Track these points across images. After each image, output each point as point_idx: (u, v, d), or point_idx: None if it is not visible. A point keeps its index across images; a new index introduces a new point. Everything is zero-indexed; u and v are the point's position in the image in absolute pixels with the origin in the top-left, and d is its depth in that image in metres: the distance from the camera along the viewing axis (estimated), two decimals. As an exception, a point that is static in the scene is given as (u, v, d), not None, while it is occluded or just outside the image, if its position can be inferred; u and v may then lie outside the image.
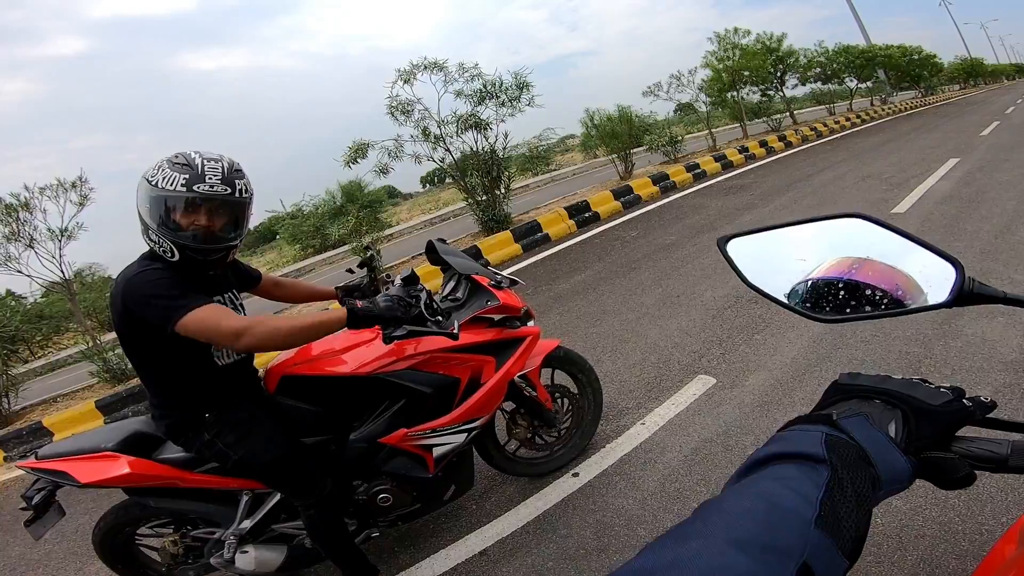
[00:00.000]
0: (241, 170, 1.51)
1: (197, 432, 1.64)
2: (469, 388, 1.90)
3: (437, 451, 1.86)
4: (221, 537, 1.80)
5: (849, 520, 0.37)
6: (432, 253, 2.09)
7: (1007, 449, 0.48)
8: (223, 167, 1.46)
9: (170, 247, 1.46)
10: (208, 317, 1.38)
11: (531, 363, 2.09)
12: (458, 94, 8.54)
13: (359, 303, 1.47)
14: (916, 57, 31.00)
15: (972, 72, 55.03)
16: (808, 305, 0.58)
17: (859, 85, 25.60)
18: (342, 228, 7.29)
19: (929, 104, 27.49)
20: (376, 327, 1.54)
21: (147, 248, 1.51)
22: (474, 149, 8.67)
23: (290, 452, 1.69)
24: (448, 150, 8.66)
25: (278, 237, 27.59)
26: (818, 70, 22.12)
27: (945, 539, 1.55)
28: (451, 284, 2.11)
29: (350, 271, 2.14)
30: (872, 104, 27.32)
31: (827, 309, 0.57)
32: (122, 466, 1.67)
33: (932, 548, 1.53)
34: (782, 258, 0.60)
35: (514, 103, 8.61)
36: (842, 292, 0.56)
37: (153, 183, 1.43)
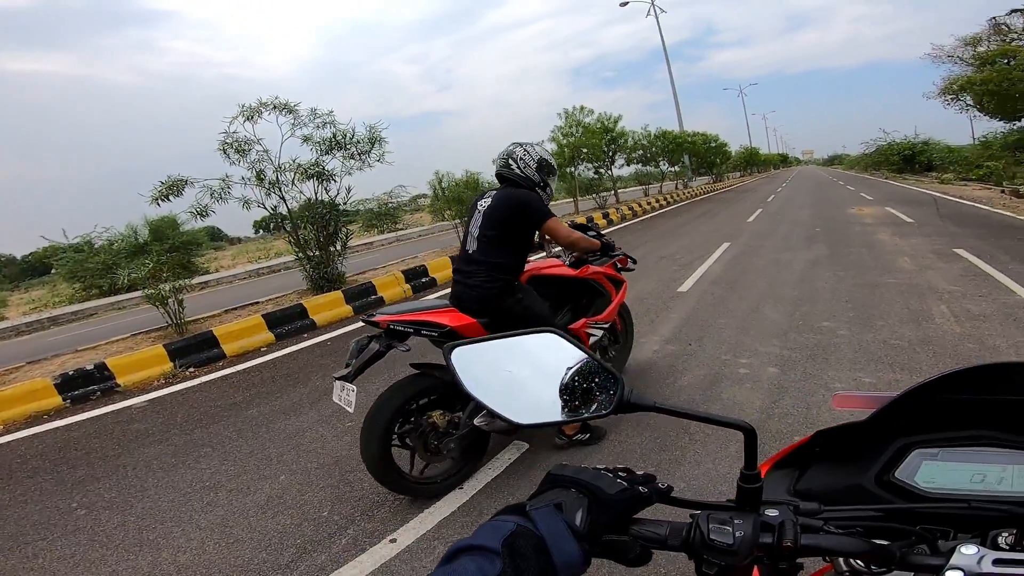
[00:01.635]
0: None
1: (515, 293, 2.60)
2: (608, 301, 3.17)
3: (592, 339, 3.02)
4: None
5: None
6: (581, 228, 3.23)
7: (666, 530, 0.56)
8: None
9: (551, 194, 2.85)
10: (559, 224, 2.75)
11: (622, 298, 3.33)
12: (305, 139, 8.16)
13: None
14: (713, 144, 36.82)
15: (750, 160, 65.79)
16: (510, 411, 0.64)
17: (670, 168, 29.70)
18: (135, 271, 6.20)
19: (717, 190, 32.96)
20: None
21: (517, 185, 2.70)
22: (312, 200, 8.29)
23: (551, 317, 2.76)
24: (283, 198, 8.14)
25: (54, 271, 22.90)
26: (641, 152, 25.28)
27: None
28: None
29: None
30: (676, 187, 31.25)
31: (529, 414, 0.64)
32: (464, 318, 2.49)
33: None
34: (494, 367, 0.67)
35: (363, 157, 8.41)
36: (537, 398, 0.64)
37: (552, 165, 2.80)
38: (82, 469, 3.48)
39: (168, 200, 7.45)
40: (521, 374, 0.67)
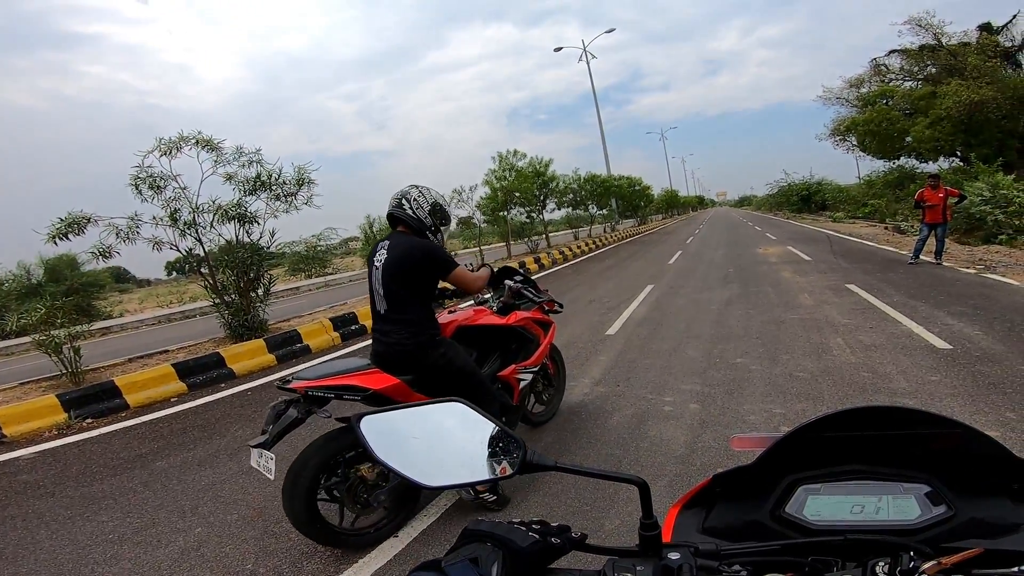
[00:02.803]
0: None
1: (436, 348, 2.51)
2: (536, 345, 3.18)
3: (522, 384, 3.03)
4: None
5: None
6: (506, 272, 3.32)
7: None
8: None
9: (442, 241, 2.71)
10: (464, 272, 2.66)
11: (551, 340, 3.34)
12: (228, 178, 7.73)
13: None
14: (638, 188, 38.35)
15: (671, 203, 69.51)
16: (419, 475, 0.67)
17: (598, 211, 30.77)
18: (24, 316, 5.57)
19: (642, 232, 34.48)
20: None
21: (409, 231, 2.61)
22: (233, 243, 7.88)
23: (477, 370, 2.69)
24: (199, 240, 7.68)
25: None
26: (571, 196, 26.03)
27: None
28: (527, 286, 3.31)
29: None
30: (605, 231, 32.39)
31: (438, 477, 0.69)
32: (388, 379, 2.39)
33: None
34: (403, 435, 0.71)
35: (289, 199, 8.06)
36: (444, 463, 0.69)
37: (447, 211, 2.73)
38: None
39: (67, 239, 6.79)
40: (430, 441, 0.71)
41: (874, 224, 19.49)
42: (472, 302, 3.25)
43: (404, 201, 2.60)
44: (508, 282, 3.21)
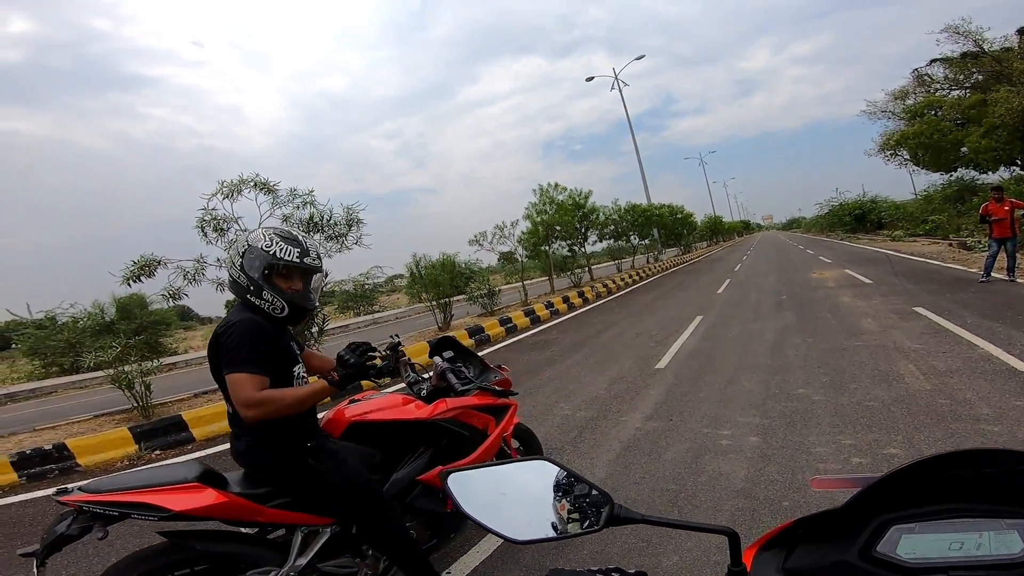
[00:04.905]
0: None
1: (300, 460, 1.88)
2: (480, 438, 2.43)
3: None
4: None
5: None
6: (445, 344, 2.74)
7: None
8: (316, 244, 1.93)
9: (282, 304, 1.85)
10: (240, 381, 1.69)
11: (510, 426, 2.65)
12: (285, 219, 8.11)
13: (334, 375, 1.88)
14: (680, 216, 37.61)
15: (715, 230, 67.73)
16: (507, 530, 0.70)
17: (640, 242, 30.06)
18: (101, 354, 6.02)
19: (687, 261, 33.81)
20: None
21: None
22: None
23: (370, 481, 1.98)
24: (259, 281, 8.09)
25: (14, 346, 21.95)
26: (612, 227, 25.44)
27: None
28: (462, 364, 2.69)
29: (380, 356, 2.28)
30: (648, 261, 31.78)
31: (526, 532, 0.71)
32: (211, 497, 1.74)
33: None
34: (491, 492, 0.74)
35: (341, 239, 8.41)
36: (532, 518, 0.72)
37: (270, 252, 1.84)
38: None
39: (139, 281, 7.28)
40: (517, 496, 0.74)
41: (937, 241, 18.39)
42: (403, 384, 2.54)
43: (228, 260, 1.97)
44: (436, 359, 2.55)
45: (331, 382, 1.86)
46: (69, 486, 1.74)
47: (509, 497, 0.74)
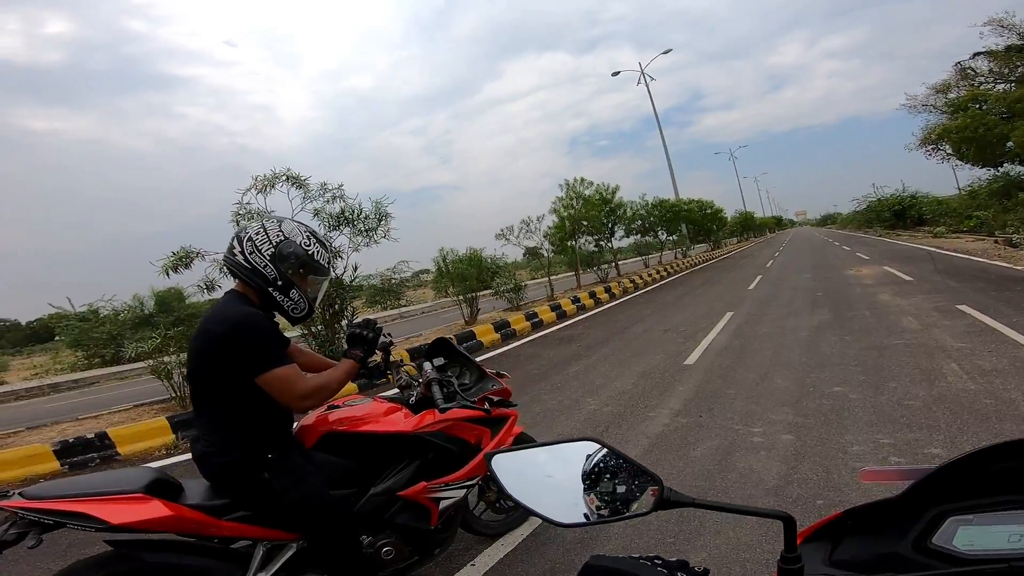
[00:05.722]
0: None
1: (256, 471, 1.71)
2: (472, 452, 2.25)
3: (443, 503, 2.14)
4: None
5: None
6: (439, 348, 2.50)
7: None
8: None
9: (305, 306, 1.82)
10: (289, 376, 1.67)
11: (508, 439, 2.44)
12: (316, 213, 8.32)
13: (356, 352, 1.92)
14: (709, 211, 36.71)
15: (746, 225, 65.94)
16: (552, 513, 0.68)
17: (668, 237, 29.69)
18: (141, 344, 6.25)
19: (716, 257, 33.07)
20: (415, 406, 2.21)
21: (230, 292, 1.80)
22: (318, 276, 8.46)
23: (335, 498, 1.84)
24: (290, 274, 8.30)
25: (57, 338, 22.97)
26: (639, 222, 25.21)
27: None
28: (458, 370, 2.52)
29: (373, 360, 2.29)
30: (676, 257, 31.12)
31: (571, 515, 0.69)
32: (157, 509, 1.62)
33: None
34: (536, 474, 0.72)
35: (370, 233, 8.56)
36: (579, 501, 0.70)
37: (308, 252, 1.78)
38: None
39: (177, 272, 7.52)
40: (564, 479, 0.72)
41: (982, 238, 17.55)
42: (396, 390, 2.39)
43: (236, 243, 1.77)
44: (427, 365, 2.29)
45: (355, 359, 1.91)
46: (10, 491, 1.61)
47: (555, 479, 0.72)
